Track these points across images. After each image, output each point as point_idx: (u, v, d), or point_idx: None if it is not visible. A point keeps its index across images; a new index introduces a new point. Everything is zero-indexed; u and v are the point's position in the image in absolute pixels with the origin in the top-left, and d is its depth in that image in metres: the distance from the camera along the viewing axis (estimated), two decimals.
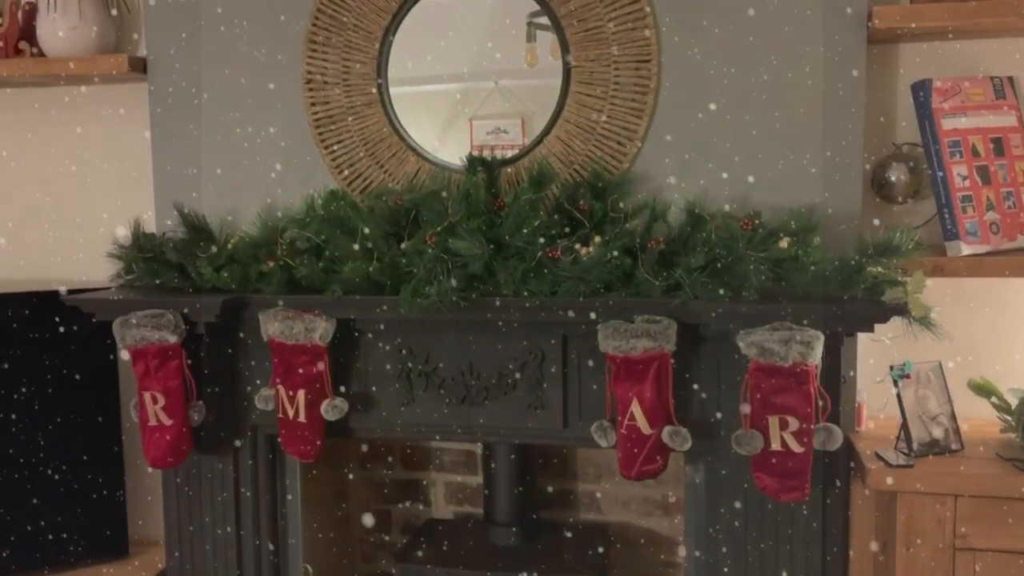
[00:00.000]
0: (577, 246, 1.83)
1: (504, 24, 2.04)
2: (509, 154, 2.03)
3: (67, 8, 2.18)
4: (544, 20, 2.00)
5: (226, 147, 2.16)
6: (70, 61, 2.18)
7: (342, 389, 2.02)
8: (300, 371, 1.96)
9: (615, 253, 1.79)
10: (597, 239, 1.83)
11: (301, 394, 1.96)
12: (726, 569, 1.90)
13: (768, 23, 1.89)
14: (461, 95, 2.09)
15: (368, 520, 2.49)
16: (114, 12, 2.28)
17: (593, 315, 1.82)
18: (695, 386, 1.88)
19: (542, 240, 1.83)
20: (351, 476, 2.49)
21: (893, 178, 1.94)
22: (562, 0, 1.97)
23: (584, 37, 1.97)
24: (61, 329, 2.24)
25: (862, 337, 1.90)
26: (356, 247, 1.92)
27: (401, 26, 2.05)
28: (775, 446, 1.74)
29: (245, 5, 2.12)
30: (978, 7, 1.76)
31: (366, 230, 1.93)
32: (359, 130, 2.10)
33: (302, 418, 1.97)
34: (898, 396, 1.84)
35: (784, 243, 1.72)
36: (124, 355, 2.00)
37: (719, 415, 1.86)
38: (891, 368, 1.85)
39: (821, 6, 1.85)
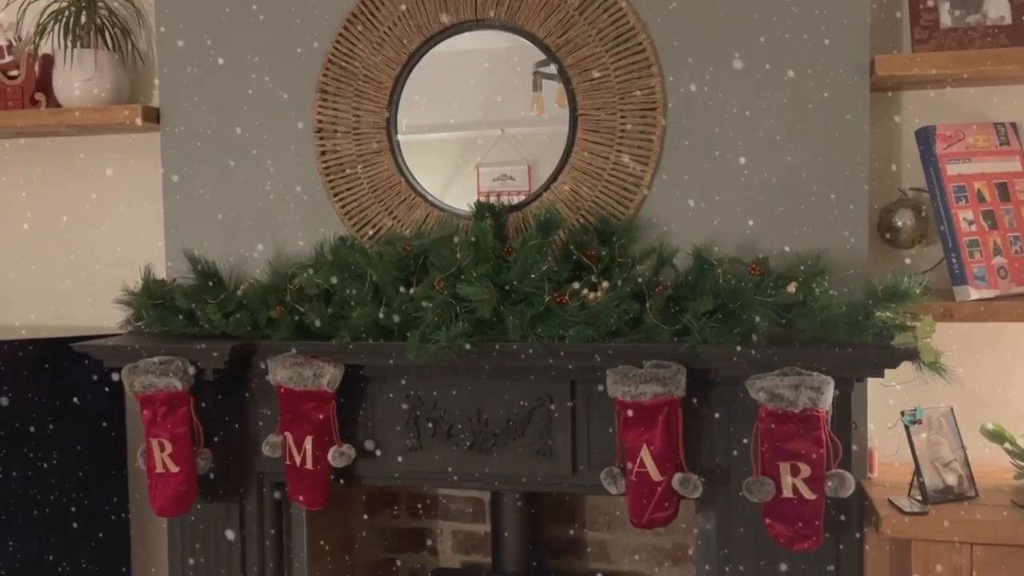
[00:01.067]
0: (585, 291, 1.84)
1: (511, 73, 2.08)
2: (516, 200, 2.05)
3: (83, 60, 2.22)
4: (550, 69, 2.03)
5: (237, 194, 2.19)
6: (84, 111, 2.22)
7: (350, 436, 2.01)
8: (308, 418, 1.95)
9: (623, 298, 1.80)
10: (605, 284, 1.84)
11: (308, 441, 1.95)
12: None
13: (773, 71, 1.92)
14: (468, 143, 2.11)
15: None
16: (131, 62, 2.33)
17: (599, 357, 1.81)
18: (705, 432, 1.86)
19: (550, 285, 1.84)
20: (357, 524, 2.47)
21: (899, 223, 1.94)
22: (568, 50, 2.00)
23: (590, 86, 2.00)
24: (69, 375, 2.24)
25: (872, 382, 1.89)
26: (365, 293, 1.93)
27: (410, 76, 2.09)
28: (787, 493, 1.72)
29: (257, 56, 2.16)
30: (979, 55, 1.78)
31: (375, 276, 1.94)
32: (368, 177, 2.12)
33: (309, 465, 1.96)
34: (910, 442, 1.82)
35: (792, 288, 1.73)
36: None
37: (730, 462, 1.85)
38: (902, 414, 1.84)
39: (825, 55, 1.88)
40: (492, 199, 2.04)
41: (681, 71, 1.96)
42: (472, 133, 2.11)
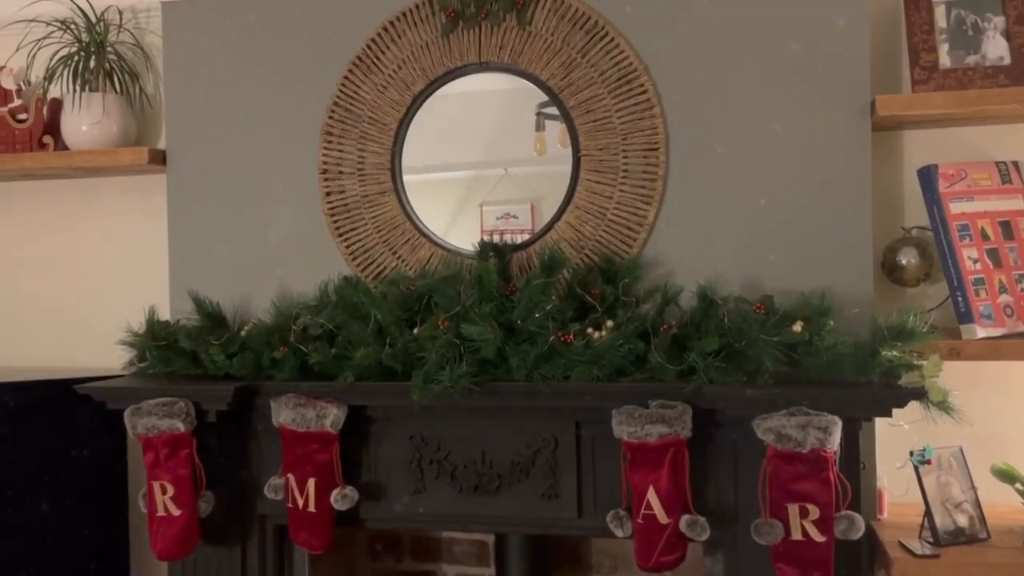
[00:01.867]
0: (589, 330, 1.83)
1: (513, 113, 2.10)
2: (519, 239, 2.06)
3: (91, 104, 2.25)
4: (552, 110, 2.05)
5: (242, 235, 2.20)
6: (92, 154, 2.24)
7: (353, 477, 1.99)
8: (311, 459, 1.94)
9: (628, 337, 1.79)
10: (609, 323, 1.83)
11: (311, 483, 1.93)
12: None
13: (775, 111, 1.93)
14: (472, 182, 2.13)
15: None
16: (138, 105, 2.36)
17: (604, 397, 1.80)
18: (712, 473, 1.84)
19: (554, 324, 1.83)
20: (360, 567, 2.43)
21: (904, 261, 1.94)
22: (571, 92, 2.02)
23: (593, 127, 2.02)
24: (72, 417, 2.23)
25: (880, 422, 1.87)
26: (368, 333, 1.93)
27: (415, 117, 2.11)
28: (796, 535, 1.69)
29: (263, 98, 2.19)
30: (979, 95, 1.80)
31: (378, 316, 1.94)
32: (373, 218, 2.13)
33: (312, 508, 1.94)
34: (920, 483, 1.80)
35: (797, 327, 1.72)
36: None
37: (737, 503, 1.82)
38: (911, 454, 1.82)
39: (826, 94, 1.90)
40: (496, 237, 2.05)
41: (683, 112, 1.98)
42: (476, 172, 2.12)
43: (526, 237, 2.06)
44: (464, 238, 2.08)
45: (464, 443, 1.96)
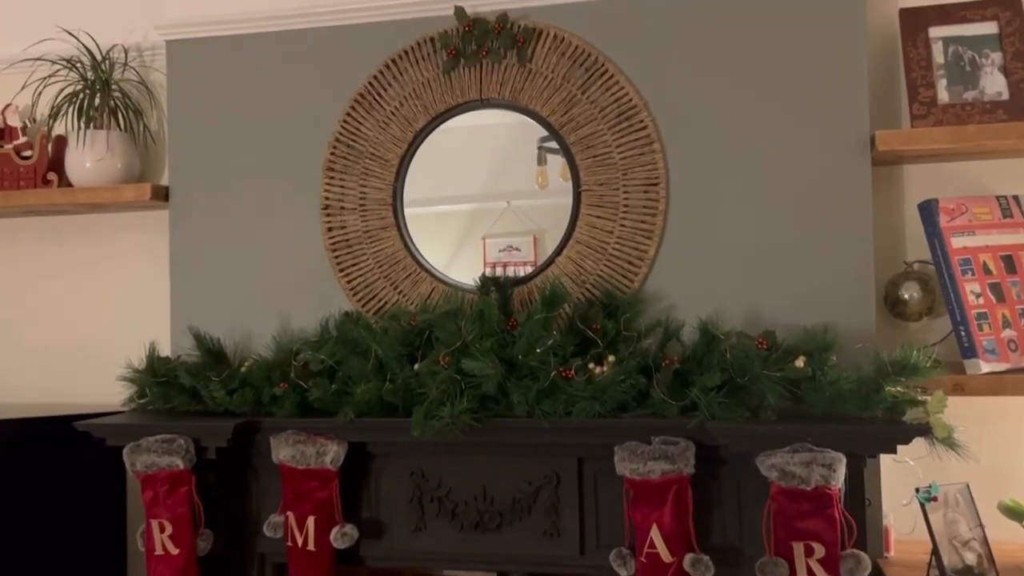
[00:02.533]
0: (591, 365, 1.82)
1: (515, 147, 2.10)
2: (522, 271, 2.06)
3: (95, 141, 2.27)
4: (554, 144, 2.06)
5: (243, 271, 2.20)
6: (95, 190, 2.25)
7: (353, 515, 1.97)
8: (310, 497, 1.92)
9: (630, 372, 1.78)
10: (611, 358, 1.82)
11: (311, 521, 1.91)
12: None
13: (774, 146, 1.94)
14: (474, 214, 2.13)
15: None
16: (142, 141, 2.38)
17: (606, 434, 1.79)
18: (716, 511, 1.82)
19: (555, 359, 1.83)
20: None
21: (906, 296, 1.94)
22: (571, 128, 2.03)
23: (593, 162, 2.02)
24: (71, 454, 2.22)
25: (885, 458, 1.85)
26: (369, 368, 1.92)
27: (417, 153, 2.12)
28: (801, 574, 1.67)
29: (265, 134, 2.21)
30: (978, 131, 1.80)
31: (379, 351, 1.93)
32: (374, 253, 2.13)
33: (311, 546, 1.92)
34: (927, 520, 1.77)
35: (800, 362, 1.71)
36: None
37: (742, 541, 1.80)
38: (917, 491, 1.80)
39: (826, 129, 1.91)
40: (499, 270, 2.05)
41: (683, 147, 1.99)
42: (478, 205, 2.13)
43: (529, 269, 2.06)
44: (467, 270, 2.08)
45: (465, 480, 1.94)
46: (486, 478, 1.93)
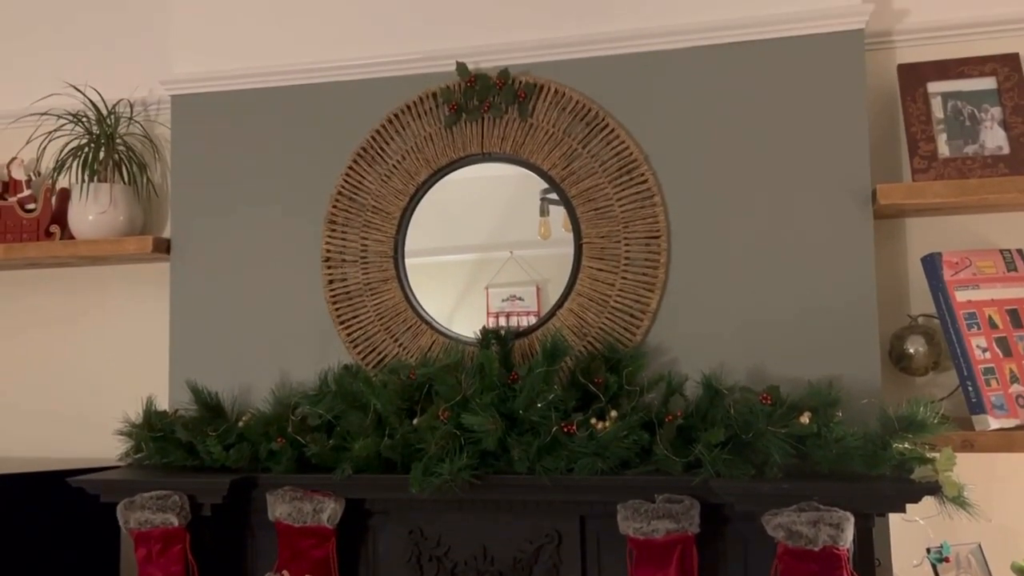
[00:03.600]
0: (593, 421, 1.80)
1: (518, 197, 2.11)
2: (525, 321, 2.04)
3: (99, 194, 2.27)
4: (554, 196, 2.06)
5: (243, 324, 2.19)
6: (96, 243, 2.25)
7: (350, 574, 1.92)
8: (307, 556, 1.88)
9: (632, 428, 1.75)
10: (613, 413, 1.80)
11: None
12: None
13: (776, 200, 1.94)
14: (477, 264, 2.12)
15: None
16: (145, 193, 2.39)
17: (609, 491, 1.75)
18: (721, 571, 1.78)
19: (557, 414, 1.80)
20: None
21: (911, 350, 1.91)
22: (572, 181, 2.04)
23: (595, 215, 2.02)
24: (65, 510, 2.18)
25: (894, 517, 1.81)
26: (368, 423, 1.90)
27: (418, 206, 2.13)
28: None
29: (268, 188, 2.21)
30: (979, 184, 1.80)
31: (378, 405, 1.91)
32: (375, 305, 2.12)
33: None
34: None
35: (805, 418, 1.68)
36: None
37: None
38: (928, 551, 1.76)
39: (827, 183, 1.91)
40: (502, 319, 2.04)
41: (684, 200, 1.99)
42: (481, 255, 2.12)
43: (532, 319, 2.04)
44: (470, 320, 2.07)
45: (465, 538, 1.90)
46: (486, 537, 1.89)
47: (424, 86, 2.13)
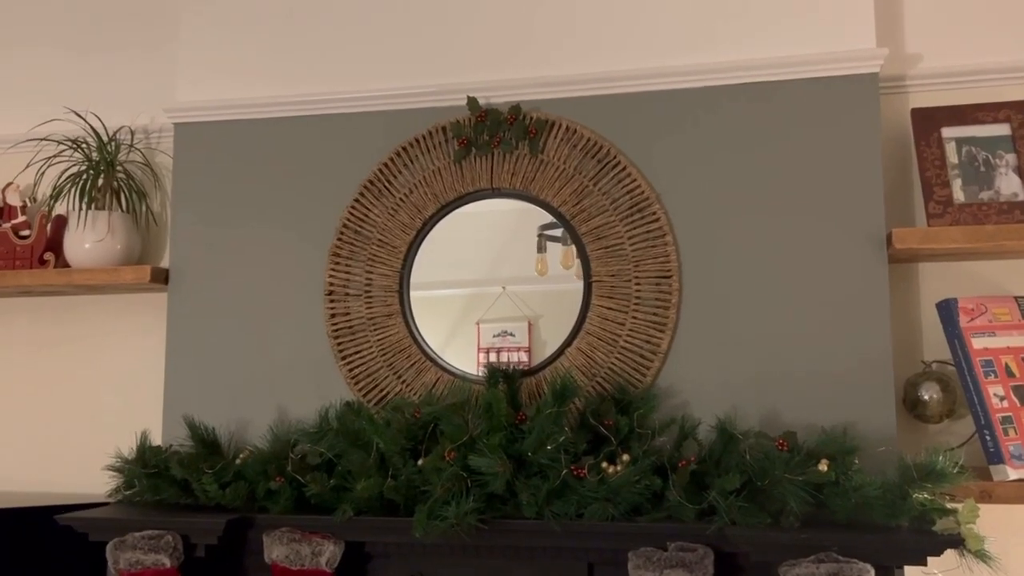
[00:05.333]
0: (604, 464, 1.75)
1: (513, 232, 2.07)
2: (515, 356, 2.00)
3: (96, 222, 2.22)
4: (554, 232, 2.04)
5: (242, 357, 2.14)
6: (93, 272, 2.20)
7: None
8: None
9: (644, 472, 1.71)
10: (626, 457, 1.75)
11: None
12: None
13: (789, 242, 1.92)
14: (469, 299, 2.08)
15: None
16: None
17: (620, 538, 1.70)
18: None
19: (566, 457, 1.75)
20: None
21: (926, 396, 1.88)
22: (583, 219, 2.01)
23: (605, 253, 1.99)
24: (46, 549, 2.10)
25: (911, 570, 1.76)
26: (370, 463, 1.84)
27: (425, 240, 2.09)
28: None
29: (270, 219, 2.17)
30: (995, 231, 1.78)
31: (381, 444, 1.85)
32: (378, 340, 2.07)
33: None
34: None
35: (823, 466, 1.64)
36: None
37: None
38: None
39: (841, 227, 1.89)
40: (492, 355, 2.00)
41: (696, 240, 1.96)
42: (474, 290, 2.08)
43: (523, 355, 2.00)
44: (460, 354, 2.04)
45: None
46: None
47: (434, 120, 2.11)
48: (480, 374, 1.97)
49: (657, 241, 1.98)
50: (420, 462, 1.82)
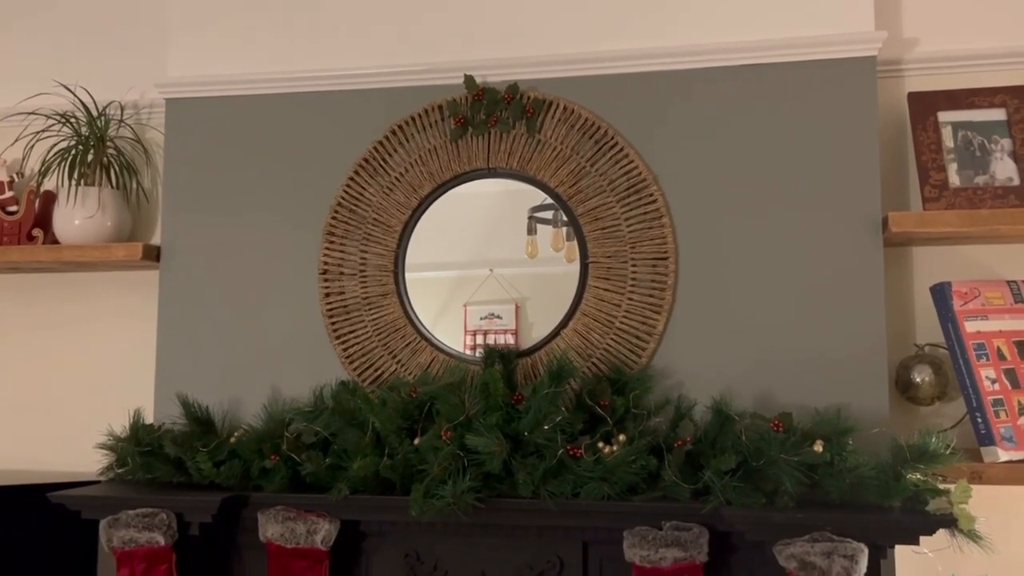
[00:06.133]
0: (600, 444, 1.76)
1: (502, 214, 2.06)
2: (503, 338, 2.00)
3: (86, 198, 2.19)
4: (544, 214, 2.03)
5: (235, 335, 2.12)
6: (83, 249, 2.17)
7: None
8: None
9: (640, 452, 1.71)
10: (622, 437, 1.76)
11: None
12: None
13: (785, 224, 1.92)
14: (457, 281, 2.07)
15: None
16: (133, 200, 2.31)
17: (615, 517, 1.71)
18: None
19: (563, 437, 1.76)
20: None
21: (918, 379, 1.90)
22: (580, 199, 2.01)
23: (601, 234, 1.99)
24: (35, 526, 2.08)
25: (902, 549, 1.79)
26: (366, 442, 1.84)
27: (420, 220, 2.08)
28: None
29: (264, 197, 2.15)
30: (990, 215, 1.80)
31: (377, 424, 1.85)
32: (373, 320, 2.07)
33: None
34: None
35: (818, 447, 1.66)
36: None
37: None
38: None
39: (837, 210, 1.90)
40: (479, 337, 1.99)
41: (693, 222, 1.96)
42: (462, 272, 2.07)
43: (510, 337, 2.00)
44: (448, 336, 2.04)
45: (463, 563, 1.85)
46: (485, 562, 1.84)
47: (430, 98, 2.09)
48: (474, 355, 1.97)
49: (654, 223, 1.98)
50: (417, 441, 1.82)
